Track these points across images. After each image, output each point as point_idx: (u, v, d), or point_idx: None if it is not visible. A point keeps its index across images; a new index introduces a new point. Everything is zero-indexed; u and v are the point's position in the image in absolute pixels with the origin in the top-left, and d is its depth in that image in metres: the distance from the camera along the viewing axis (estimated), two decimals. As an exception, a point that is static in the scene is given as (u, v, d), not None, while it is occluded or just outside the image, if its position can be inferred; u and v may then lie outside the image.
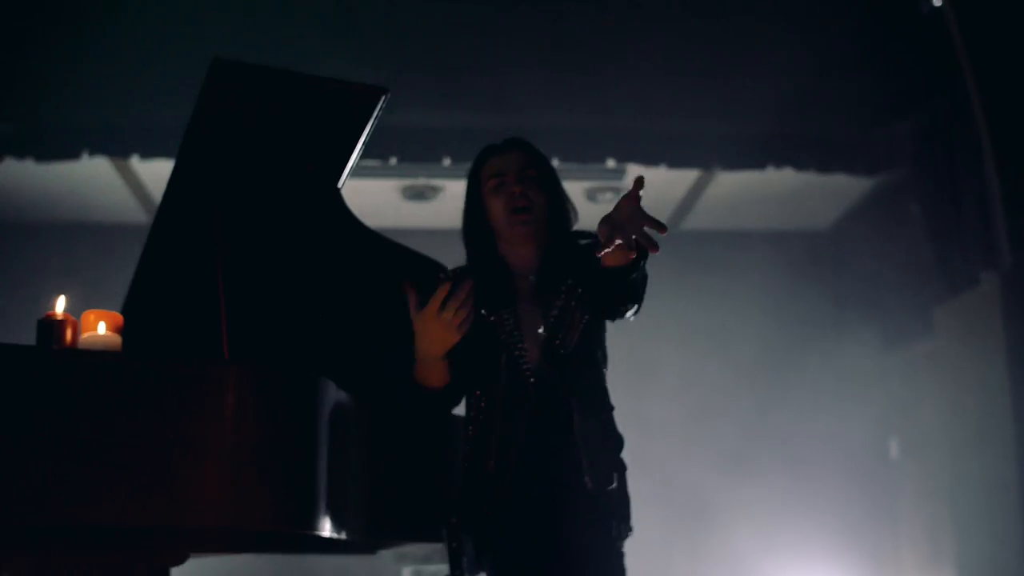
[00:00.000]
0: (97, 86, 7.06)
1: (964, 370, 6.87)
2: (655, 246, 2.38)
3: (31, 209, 8.77)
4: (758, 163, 7.70)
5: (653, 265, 8.07)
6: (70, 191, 8.41)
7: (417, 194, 8.38)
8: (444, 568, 3.35)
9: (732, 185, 8.42)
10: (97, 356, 2.36)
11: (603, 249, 2.35)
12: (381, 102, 2.95)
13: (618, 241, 2.35)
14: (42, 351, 2.40)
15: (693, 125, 7.56)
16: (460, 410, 3.03)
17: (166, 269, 2.90)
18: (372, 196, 8.35)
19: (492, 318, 2.63)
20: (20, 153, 7.24)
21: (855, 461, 9.05)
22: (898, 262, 8.26)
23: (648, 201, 7.49)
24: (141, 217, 9.23)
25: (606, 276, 2.45)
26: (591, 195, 8.56)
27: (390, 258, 3.06)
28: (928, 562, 8.00)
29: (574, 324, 2.64)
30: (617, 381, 3.04)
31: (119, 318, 2.53)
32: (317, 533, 2.56)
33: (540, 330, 2.64)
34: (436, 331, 2.39)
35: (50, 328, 2.46)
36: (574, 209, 2.84)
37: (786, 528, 9.01)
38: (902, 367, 8.49)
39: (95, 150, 7.38)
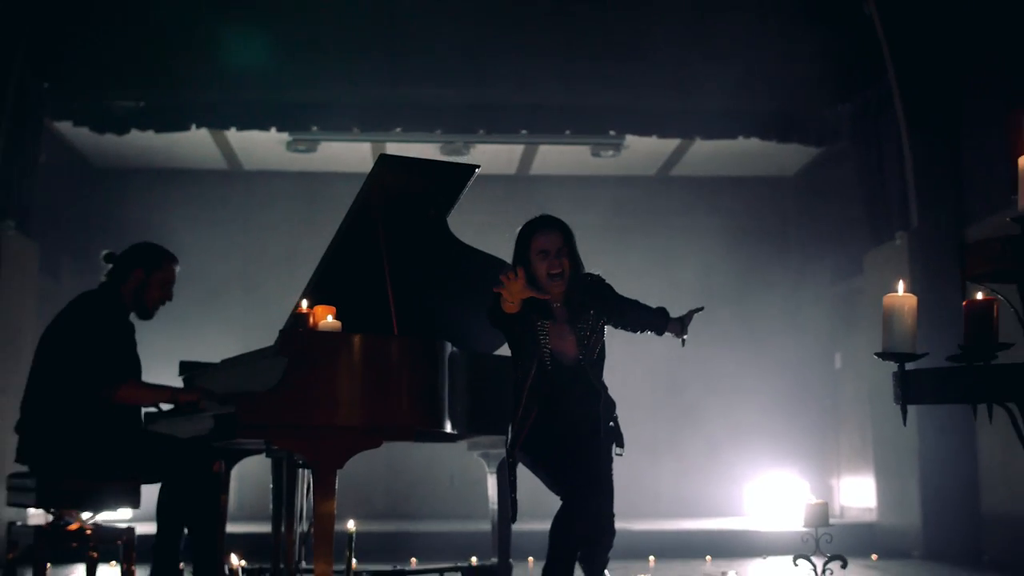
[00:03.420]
0: (204, 73, 8.80)
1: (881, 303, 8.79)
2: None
3: (134, 157, 10.56)
4: (730, 134, 9.48)
5: (646, 207, 10.09)
6: (166, 145, 10.15)
7: (454, 151, 10.18)
8: (503, 452, 5.25)
9: (712, 142, 10.12)
10: (339, 335, 4.29)
11: (676, 335, 4.49)
12: (474, 174, 4.79)
13: (683, 336, 4.47)
14: (311, 333, 4.32)
15: (678, 103, 9.29)
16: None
17: (343, 275, 4.79)
18: (418, 152, 10.16)
19: (538, 323, 4.41)
20: (143, 126, 9.00)
21: (808, 370, 10.93)
22: (840, 216, 10.11)
23: (643, 155, 9.52)
24: (222, 165, 11.06)
25: (652, 329, 4.53)
26: (595, 152, 10.38)
27: (478, 262, 4.96)
28: (858, 449, 9.95)
29: (597, 341, 4.48)
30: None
31: (334, 309, 4.42)
32: (444, 431, 4.51)
33: (573, 339, 4.41)
34: (520, 291, 4.15)
35: (301, 318, 4.38)
36: (582, 263, 4.57)
37: (754, 426, 10.90)
38: (843, 297, 10.35)
39: (201, 123, 9.18)
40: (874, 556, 8.10)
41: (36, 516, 7.77)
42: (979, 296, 2.98)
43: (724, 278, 11.04)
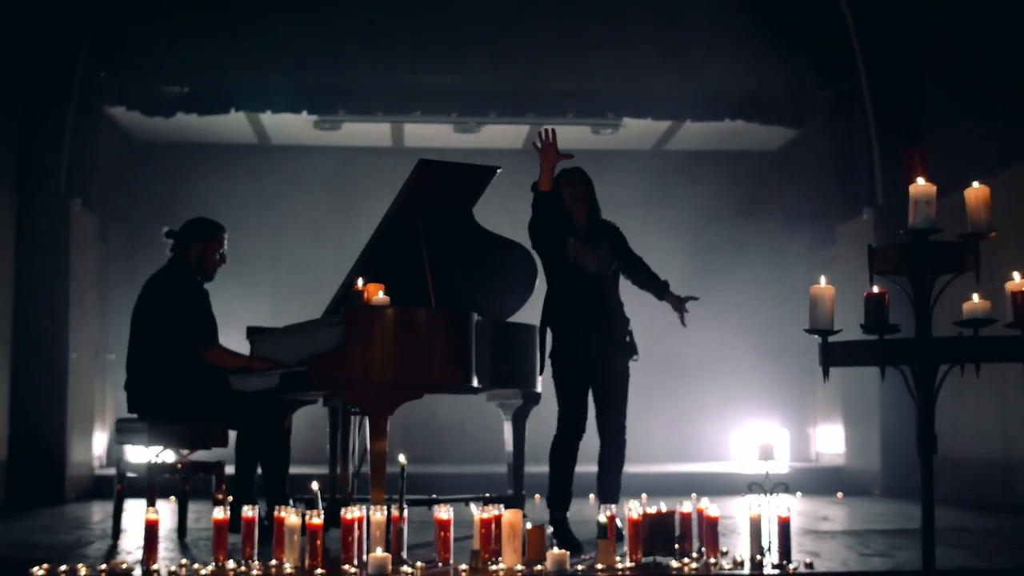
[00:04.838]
0: (242, 61, 9.72)
1: (852, 270, 9.80)
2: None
3: (173, 133, 11.49)
4: (718, 116, 10.45)
5: (642, 179, 11.10)
6: (203, 123, 11.05)
7: (467, 130, 11.18)
8: (519, 401, 6.29)
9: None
10: (388, 308, 5.29)
11: (674, 308, 5.79)
12: (495, 173, 5.83)
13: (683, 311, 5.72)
14: (368, 306, 5.32)
15: (671, 89, 10.21)
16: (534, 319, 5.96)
17: (388, 257, 5.81)
18: (434, 131, 11.20)
19: (566, 240, 5.60)
20: (188, 109, 9.98)
21: (788, 331, 11.68)
22: (816, 191, 11.07)
23: (639, 132, 10.57)
24: (253, 140, 12.02)
25: (653, 291, 5.84)
26: (595, 130, 11.35)
27: (498, 244, 6.00)
28: (832, 405, 10.99)
29: (612, 259, 5.68)
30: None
31: (383, 286, 5.43)
32: (472, 385, 5.55)
33: (593, 257, 5.62)
34: (554, 155, 5.45)
35: (356, 294, 5.39)
36: (600, 207, 5.81)
37: (740, 379, 11.88)
38: (821, 263, 11.27)
39: (240, 107, 10.15)
40: (839, 494, 9.20)
41: (98, 458, 8.84)
42: (875, 289, 4.01)
43: (713, 245, 11.99)
